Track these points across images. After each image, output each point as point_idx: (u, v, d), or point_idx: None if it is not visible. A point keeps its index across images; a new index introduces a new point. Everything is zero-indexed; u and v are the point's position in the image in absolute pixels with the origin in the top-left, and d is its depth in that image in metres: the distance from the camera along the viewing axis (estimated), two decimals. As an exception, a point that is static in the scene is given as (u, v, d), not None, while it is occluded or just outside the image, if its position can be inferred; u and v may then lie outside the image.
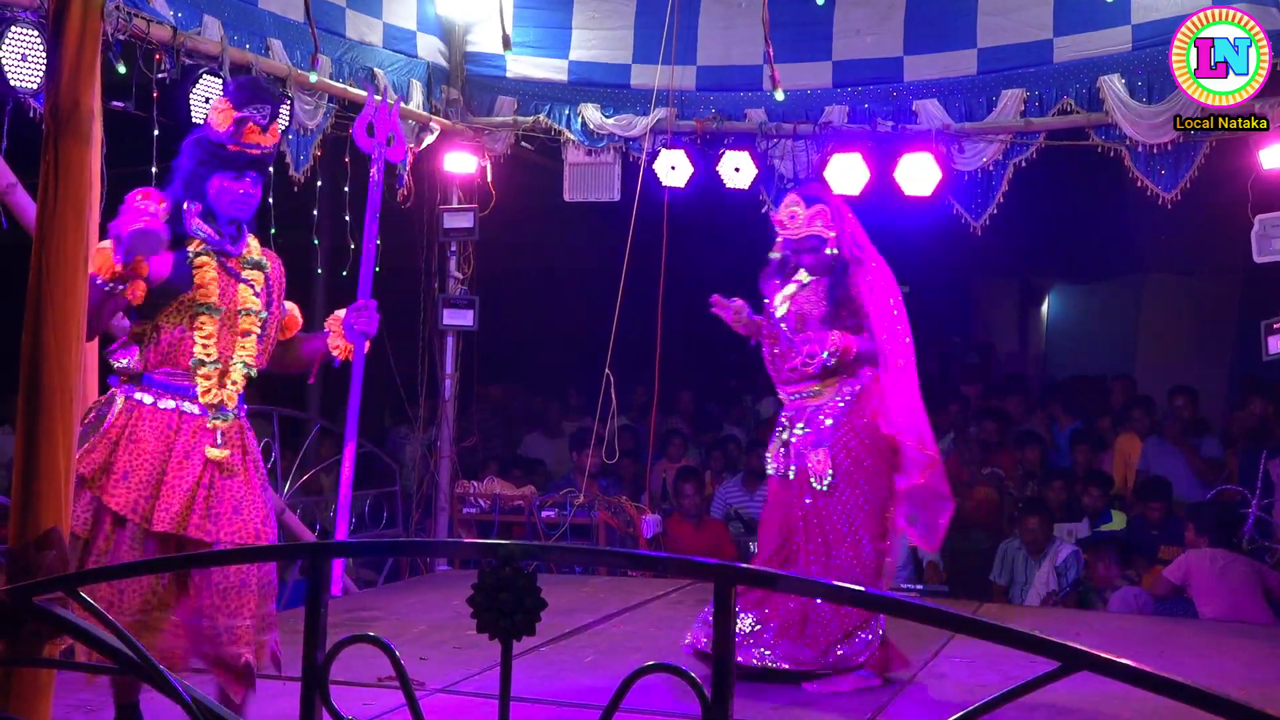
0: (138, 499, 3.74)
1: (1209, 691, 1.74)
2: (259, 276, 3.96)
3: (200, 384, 3.81)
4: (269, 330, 4.00)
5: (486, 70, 8.28)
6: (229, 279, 3.87)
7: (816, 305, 5.08)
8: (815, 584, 2.98)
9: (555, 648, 5.60)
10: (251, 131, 3.86)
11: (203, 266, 3.82)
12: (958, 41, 7.48)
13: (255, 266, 3.96)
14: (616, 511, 8.25)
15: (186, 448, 3.79)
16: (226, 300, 3.85)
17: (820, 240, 5.07)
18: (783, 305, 5.17)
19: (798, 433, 5.08)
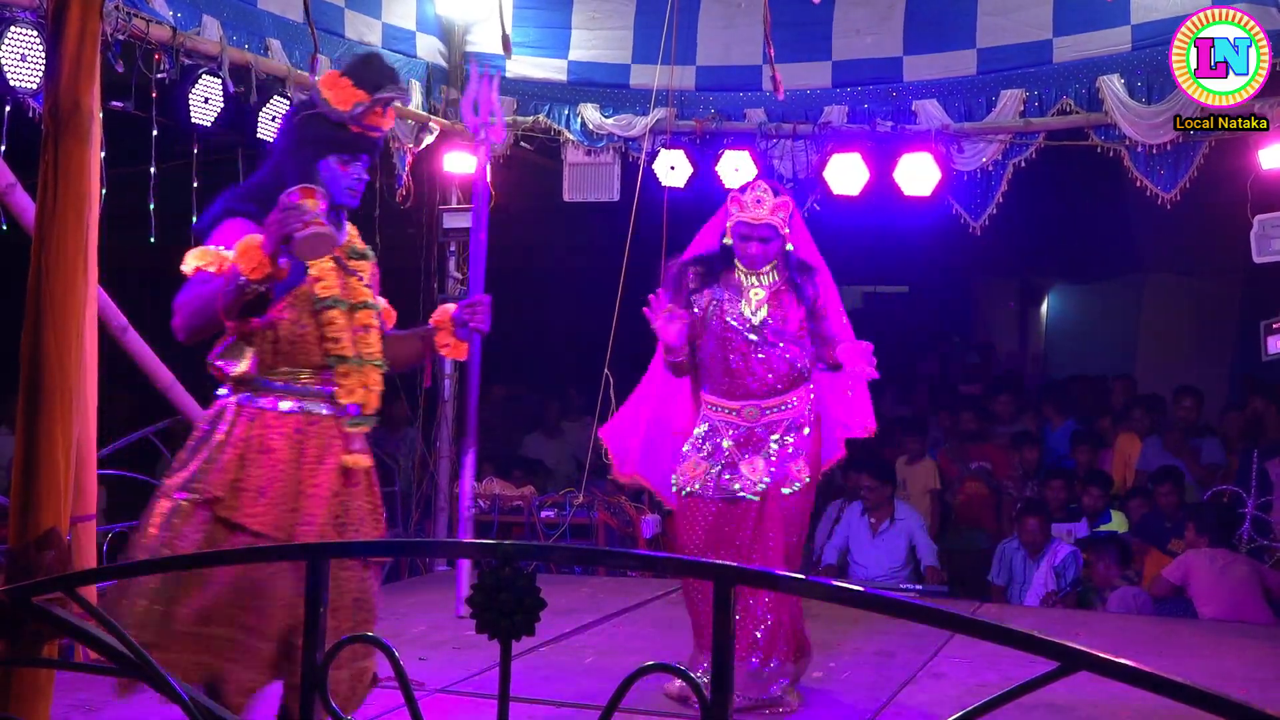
0: (279, 516, 3.36)
1: (1209, 691, 1.74)
2: (365, 266, 3.65)
3: (342, 384, 3.46)
4: (382, 325, 3.68)
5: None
6: (340, 270, 3.54)
7: (794, 312, 4.94)
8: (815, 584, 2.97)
9: (555, 648, 5.60)
10: (377, 114, 3.53)
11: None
12: (957, 41, 7.48)
13: (360, 256, 3.64)
14: (616, 512, 8.24)
15: (317, 454, 3.43)
16: (345, 293, 3.53)
17: (775, 232, 4.90)
18: (758, 311, 4.92)
19: (774, 446, 4.86)
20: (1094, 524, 8.03)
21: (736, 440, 4.89)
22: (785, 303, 4.92)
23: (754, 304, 4.92)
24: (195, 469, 3.37)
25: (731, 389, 4.92)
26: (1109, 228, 11.36)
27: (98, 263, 4.94)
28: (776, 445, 4.88)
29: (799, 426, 4.90)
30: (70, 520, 2.85)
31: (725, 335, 4.90)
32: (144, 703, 4.36)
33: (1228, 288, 11.41)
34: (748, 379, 4.88)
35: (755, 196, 4.90)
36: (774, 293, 4.94)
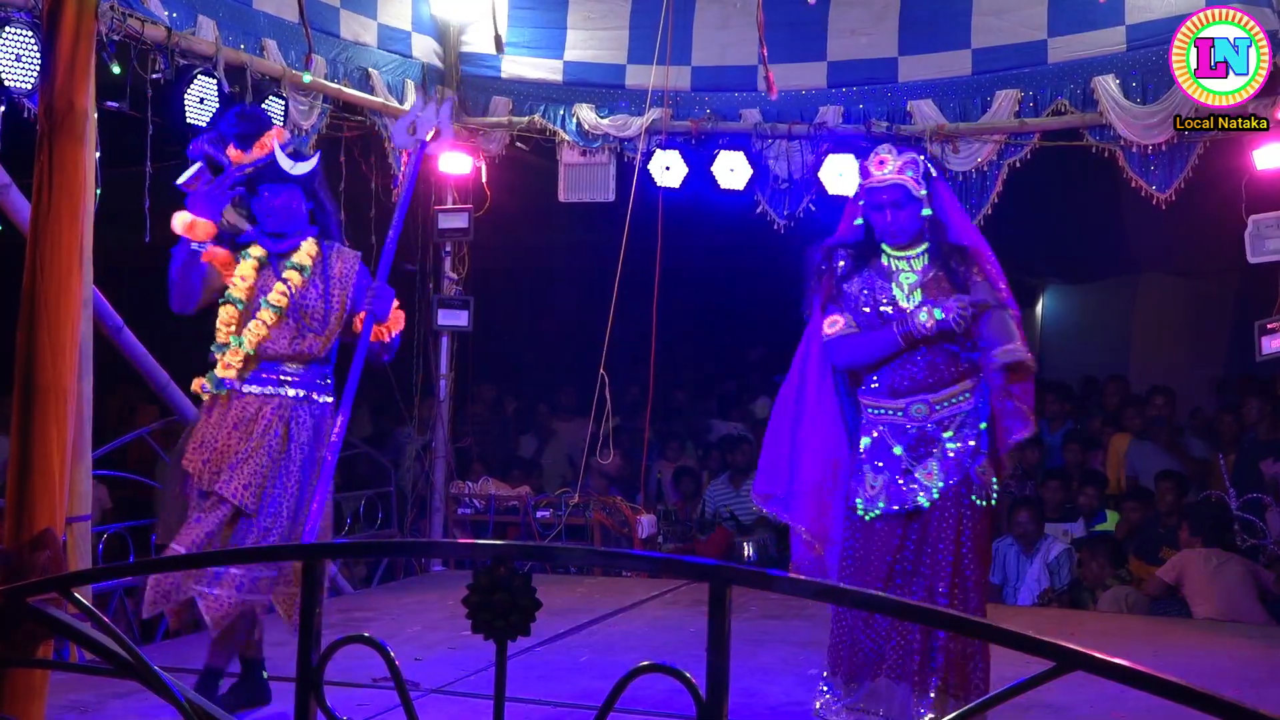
0: (199, 460, 4.40)
1: (1203, 691, 1.74)
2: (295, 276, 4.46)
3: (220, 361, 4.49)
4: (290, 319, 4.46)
5: (481, 71, 8.28)
6: (263, 274, 4.51)
7: (950, 294, 4.29)
8: (812, 584, 2.97)
9: (550, 648, 5.60)
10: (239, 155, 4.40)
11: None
12: (952, 42, 7.49)
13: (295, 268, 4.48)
14: (611, 512, 8.25)
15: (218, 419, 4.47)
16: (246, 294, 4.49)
17: (907, 194, 4.27)
18: (911, 296, 4.30)
19: (951, 446, 4.23)
20: (1090, 524, 8.04)
21: (907, 445, 4.26)
22: (943, 289, 4.29)
23: (906, 289, 4.32)
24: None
25: (895, 386, 4.29)
26: (1104, 228, 11.37)
27: (93, 263, 4.96)
28: (954, 444, 4.25)
29: (974, 423, 4.27)
30: (65, 521, 2.84)
31: (877, 322, 4.31)
32: (142, 703, 4.36)
33: (1222, 288, 11.42)
34: (910, 370, 4.26)
35: (879, 158, 4.32)
36: (930, 278, 4.32)
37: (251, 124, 4.52)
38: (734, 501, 9.00)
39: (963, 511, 4.20)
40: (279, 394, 4.43)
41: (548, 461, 10.12)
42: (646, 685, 2.14)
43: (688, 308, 12.36)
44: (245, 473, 4.32)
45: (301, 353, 4.46)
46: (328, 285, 4.50)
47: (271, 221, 4.47)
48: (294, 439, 4.42)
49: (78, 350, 2.85)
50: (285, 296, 4.42)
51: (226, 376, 4.43)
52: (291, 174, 4.45)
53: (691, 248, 9.42)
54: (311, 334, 4.46)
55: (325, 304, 4.48)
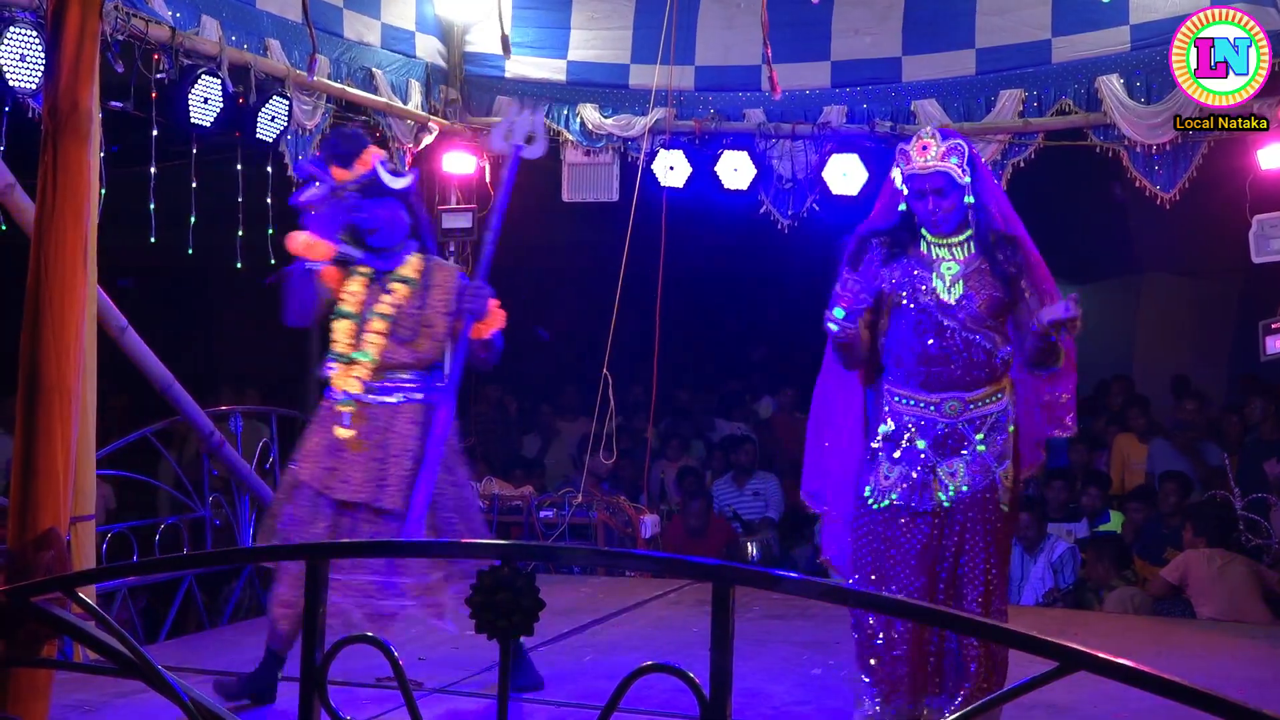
0: (318, 470, 4.55)
1: (1207, 691, 1.74)
2: (401, 289, 4.67)
3: (335, 375, 4.65)
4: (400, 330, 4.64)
5: (485, 70, 8.28)
6: (371, 288, 4.69)
7: (995, 288, 4.15)
8: (816, 584, 2.97)
9: (554, 648, 5.59)
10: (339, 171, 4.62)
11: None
12: (956, 42, 7.49)
13: (401, 280, 4.68)
14: (615, 512, 8.24)
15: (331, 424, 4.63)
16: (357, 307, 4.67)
17: (951, 182, 4.11)
18: (954, 287, 4.15)
19: (980, 448, 4.12)
20: (1093, 524, 8.03)
21: (934, 440, 4.14)
22: (985, 280, 4.14)
23: (948, 280, 4.17)
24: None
25: (929, 379, 4.14)
26: (1107, 228, 11.36)
27: (97, 263, 4.97)
28: (983, 446, 4.14)
29: (1003, 426, 4.16)
30: (69, 520, 2.85)
31: (918, 316, 4.15)
32: (146, 702, 4.37)
33: (1226, 288, 11.41)
34: (950, 366, 4.12)
35: (921, 144, 4.16)
36: (973, 269, 4.17)
37: (352, 143, 4.72)
38: (737, 501, 9.00)
39: (988, 516, 4.10)
40: (383, 402, 4.62)
41: (551, 461, 10.12)
42: (650, 685, 2.14)
43: (691, 307, 12.34)
44: (386, 478, 4.53)
45: (407, 361, 4.65)
46: (427, 295, 4.69)
47: (376, 236, 4.67)
48: (397, 439, 4.59)
49: (82, 350, 2.85)
50: (391, 307, 4.63)
51: (350, 389, 4.61)
52: (392, 188, 4.65)
53: (695, 248, 9.41)
54: (408, 343, 4.65)
55: (422, 311, 4.67)
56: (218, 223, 6.68)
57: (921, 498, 4.12)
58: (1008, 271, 4.14)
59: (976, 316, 4.11)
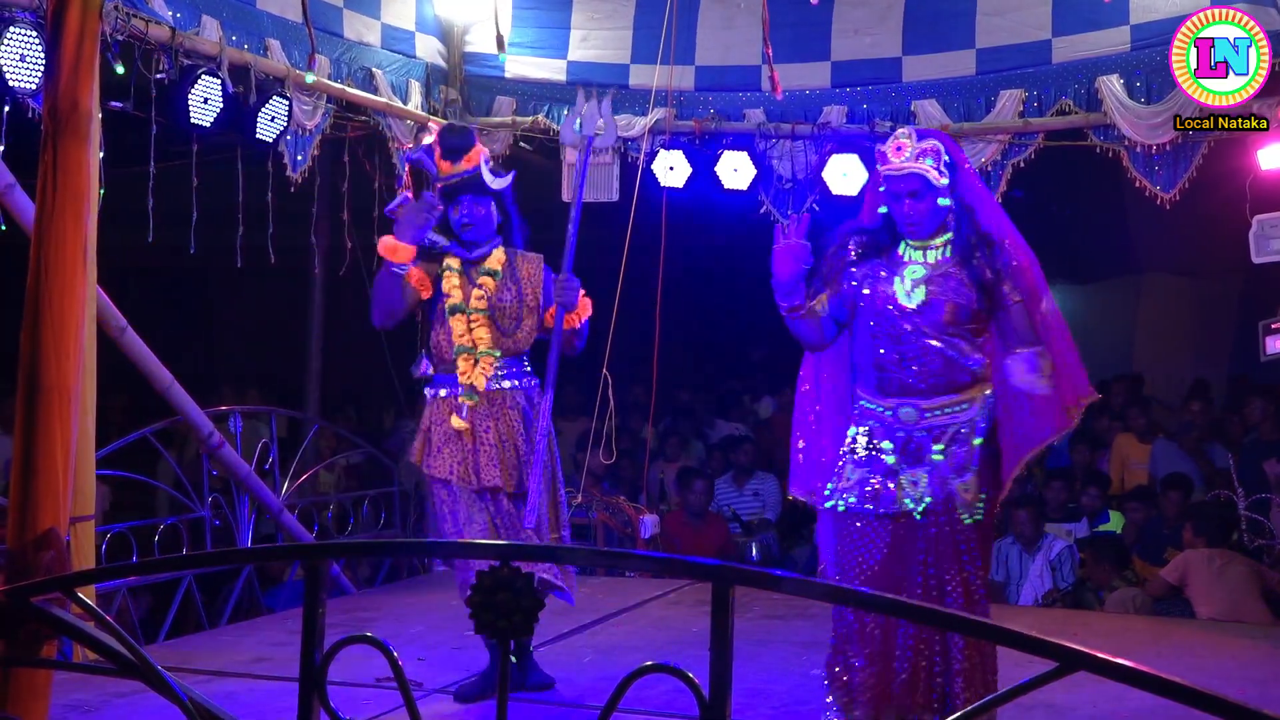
0: (453, 465, 4.75)
1: (1206, 691, 1.74)
2: (489, 282, 4.87)
3: (460, 369, 4.82)
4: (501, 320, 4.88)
5: (485, 70, 8.28)
6: (466, 284, 4.88)
7: (964, 293, 4.00)
8: (816, 584, 2.96)
9: (553, 648, 5.59)
10: (447, 165, 4.86)
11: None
12: (956, 42, 7.48)
13: (488, 274, 4.89)
14: (614, 512, 8.24)
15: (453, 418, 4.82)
16: (465, 301, 4.86)
17: (926, 184, 3.98)
18: (915, 291, 4.02)
19: (936, 457, 3.97)
20: (1093, 524, 8.03)
21: (899, 446, 4.01)
22: (953, 286, 4.00)
23: (909, 283, 4.04)
24: (414, 445, 4.97)
25: (883, 384, 4.03)
26: (1108, 228, 11.36)
27: (97, 263, 4.96)
28: (939, 457, 3.98)
29: (966, 438, 3.99)
30: (69, 520, 2.85)
31: (875, 319, 4.05)
32: (145, 703, 4.37)
33: (1226, 288, 11.41)
34: (900, 373, 4.00)
35: (896, 144, 4.04)
36: (940, 272, 4.03)
37: (461, 138, 4.95)
38: (737, 501, 9.00)
39: (947, 532, 3.95)
40: (499, 387, 4.84)
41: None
42: (650, 685, 2.14)
43: (691, 308, 12.34)
44: (507, 463, 4.78)
45: (507, 349, 4.88)
46: (519, 287, 4.93)
47: (470, 231, 4.88)
48: (527, 423, 4.86)
49: (82, 350, 2.85)
50: (484, 299, 4.85)
51: (479, 385, 4.81)
52: (492, 187, 4.88)
53: (695, 248, 9.42)
54: (507, 333, 4.88)
55: (519, 303, 4.92)
56: (218, 223, 6.68)
57: (877, 502, 3.99)
58: (983, 276, 3.99)
59: (936, 323, 3.97)
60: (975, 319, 4.01)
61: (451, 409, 4.81)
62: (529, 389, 4.94)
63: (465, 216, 4.86)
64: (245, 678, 5.10)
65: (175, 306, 12.31)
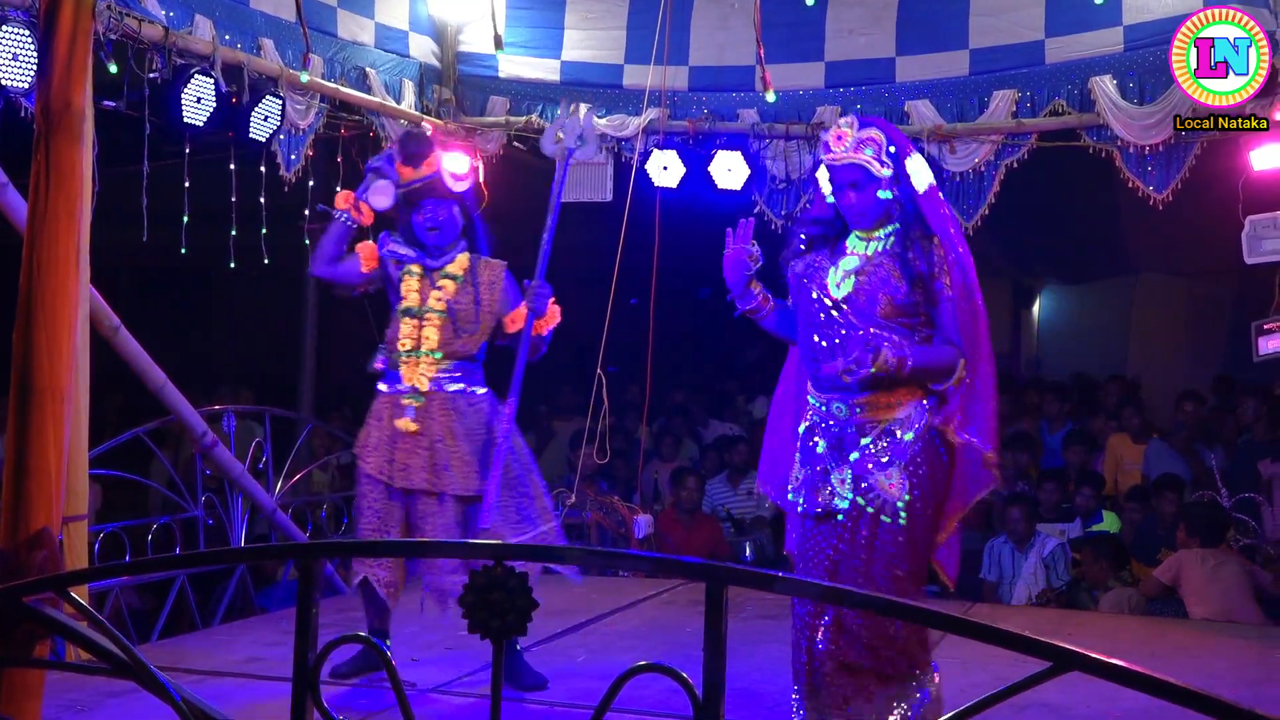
0: (382, 463, 4.89)
1: (1199, 691, 1.74)
2: (450, 285, 4.97)
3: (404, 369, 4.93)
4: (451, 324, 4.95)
5: (479, 70, 8.28)
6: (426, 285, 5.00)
7: (894, 285, 3.86)
8: (811, 585, 2.97)
9: (547, 648, 5.59)
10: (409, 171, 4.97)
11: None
12: (949, 42, 7.48)
13: (448, 277, 5.00)
14: (608, 512, 8.24)
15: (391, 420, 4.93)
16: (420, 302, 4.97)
17: (866, 175, 3.88)
18: (845, 282, 3.91)
19: (854, 455, 3.83)
20: (1086, 524, 8.04)
21: (832, 442, 3.88)
22: (884, 277, 3.87)
23: (840, 273, 3.94)
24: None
25: (817, 378, 3.93)
26: (1101, 228, 11.37)
27: (90, 262, 4.96)
28: (864, 452, 3.83)
29: (893, 433, 3.81)
30: (62, 520, 2.84)
31: (809, 310, 3.96)
32: (138, 702, 4.36)
33: (1219, 288, 11.44)
34: (827, 366, 3.86)
35: (837, 133, 3.94)
36: (875, 263, 3.91)
37: (421, 144, 5.06)
38: (731, 501, 9.01)
39: (874, 531, 3.77)
40: (444, 391, 4.93)
41: (546, 461, 10.11)
42: (643, 685, 2.15)
43: (685, 307, 12.35)
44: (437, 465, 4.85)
45: (456, 351, 4.96)
46: (478, 291, 5.02)
47: (432, 235, 4.98)
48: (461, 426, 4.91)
49: (74, 350, 2.85)
50: (442, 302, 4.95)
51: (421, 385, 4.91)
52: (454, 190, 4.99)
53: (689, 248, 9.39)
54: (465, 335, 4.97)
55: (476, 308, 4.99)
56: (211, 222, 6.67)
57: (810, 501, 3.88)
58: (917, 268, 3.84)
59: (865, 314, 3.84)
60: (908, 312, 3.86)
61: (394, 407, 4.92)
62: (475, 395, 5.01)
63: (429, 220, 4.97)
64: (239, 677, 5.10)
65: (168, 306, 12.29)
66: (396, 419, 4.90)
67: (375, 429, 4.97)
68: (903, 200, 3.94)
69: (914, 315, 3.87)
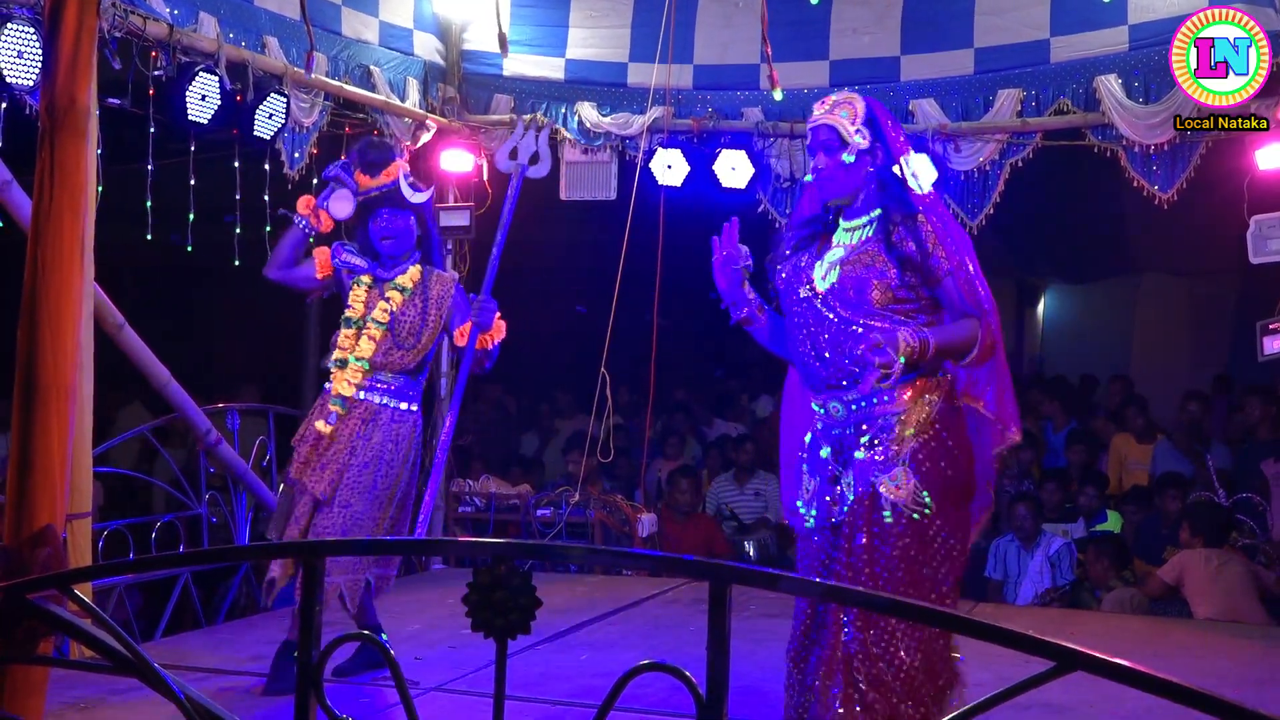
0: (299, 464, 4.86)
1: (1203, 691, 1.74)
2: (396, 296, 4.94)
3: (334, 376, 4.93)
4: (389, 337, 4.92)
5: (483, 68, 8.27)
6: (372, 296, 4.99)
7: (881, 270, 3.61)
8: (815, 585, 2.96)
9: (551, 647, 5.60)
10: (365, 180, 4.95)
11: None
12: (954, 41, 7.48)
13: (397, 289, 4.96)
14: (612, 510, 8.24)
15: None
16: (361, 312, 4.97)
17: (839, 139, 3.68)
18: (829, 274, 3.68)
19: (861, 454, 3.58)
20: (1090, 524, 8.03)
21: (834, 448, 3.66)
22: (869, 264, 3.63)
23: (826, 265, 3.71)
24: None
25: (810, 379, 3.73)
26: (1105, 228, 11.36)
27: (94, 259, 4.96)
28: (863, 453, 3.58)
29: (890, 428, 3.57)
30: (66, 518, 2.84)
31: (798, 309, 3.74)
32: (141, 700, 4.36)
33: (1223, 288, 11.43)
34: (819, 365, 3.66)
35: (821, 101, 3.79)
36: (859, 251, 3.67)
37: (381, 153, 5.03)
38: (738, 500, 9.00)
39: (873, 531, 3.51)
40: (367, 400, 4.90)
41: (549, 460, 10.12)
42: (646, 684, 2.14)
43: (689, 306, 12.33)
44: (330, 468, 4.81)
45: (393, 364, 4.93)
46: (425, 305, 4.98)
47: (387, 244, 4.96)
48: (368, 438, 4.86)
49: (79, 347, 2.85)
50: (386, 313, 4.92)
51: (345, 393, 4.89)
52: (411, 201, 4.95)
53: (693, 246, 9.37)
54: (404, 349, 4.93)
55: (421, 322, 4.96)
56: (215, 220, 6.67)
57: (823, 512, 3.64)
58: (905, 250, 3.58)
59: (855, 305, 3.60)
60: (902, 298, 3.61)
61: (321, 409, 4.92)
62: (399, 411, 4.94)
63: (385, 230, 4.96)
64: (242, 675, 5.10)
65: (172, 304, 12.30)
66: (316, 420, 4.90)
67: (305, 427, 4.96)
68: (884, 180, 3.71)
69: (910, 301, 3.62)
